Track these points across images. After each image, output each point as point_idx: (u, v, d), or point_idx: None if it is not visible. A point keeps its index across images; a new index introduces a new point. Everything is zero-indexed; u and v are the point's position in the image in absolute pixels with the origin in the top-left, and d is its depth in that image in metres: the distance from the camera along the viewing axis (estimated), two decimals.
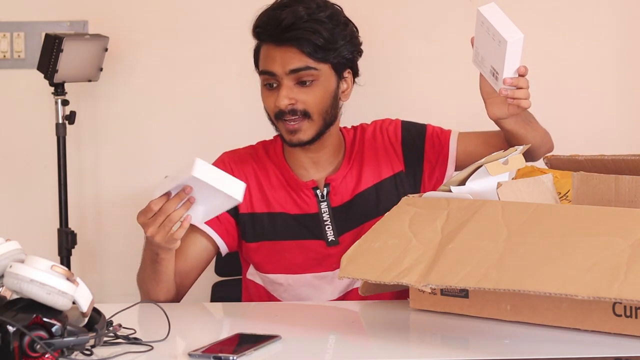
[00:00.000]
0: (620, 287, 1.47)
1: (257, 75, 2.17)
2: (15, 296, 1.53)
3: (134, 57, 2.95)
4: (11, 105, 2.99)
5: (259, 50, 2.15)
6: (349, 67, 2.17)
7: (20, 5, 2.96)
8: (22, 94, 2.97)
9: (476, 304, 1.76)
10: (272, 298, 2.20)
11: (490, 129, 2.15)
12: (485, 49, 1.96)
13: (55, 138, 2.81)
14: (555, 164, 1.98)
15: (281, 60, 2.09)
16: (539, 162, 2.10)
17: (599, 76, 2.93)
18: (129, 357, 1.57)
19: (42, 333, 1.46)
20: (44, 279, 1.48)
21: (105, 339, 1.60)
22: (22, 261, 1.51)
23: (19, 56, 2.95)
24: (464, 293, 1.78)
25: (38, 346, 1.44)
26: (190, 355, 1.55)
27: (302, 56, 2.09)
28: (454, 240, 1.67)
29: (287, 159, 2.21)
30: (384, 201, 2.14)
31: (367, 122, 2.29)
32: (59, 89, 2.79)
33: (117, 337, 1.63)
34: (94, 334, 1.52)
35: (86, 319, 1.56)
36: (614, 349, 1.57)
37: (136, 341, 1.63)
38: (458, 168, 2.20)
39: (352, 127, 2.28)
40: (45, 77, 2.75)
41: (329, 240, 2.16)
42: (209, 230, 2.15)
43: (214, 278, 2.61)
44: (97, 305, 1.59)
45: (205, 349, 1.56)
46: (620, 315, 1.61)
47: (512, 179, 1.87)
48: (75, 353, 1.52)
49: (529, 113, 2.08)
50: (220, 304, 2.37)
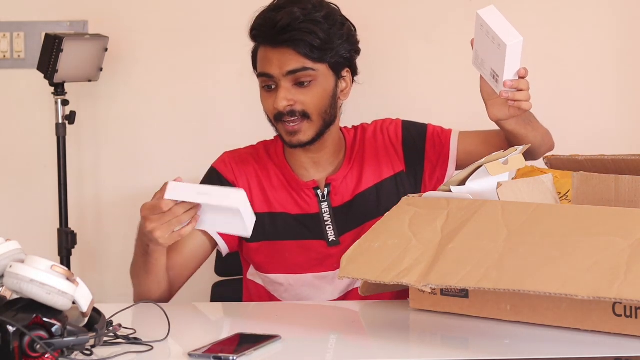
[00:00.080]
0: (620, 287, 1.47)
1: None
2: (15, 296, 1.53)
3: (134, 57, 2.95)
4: (11, 105, 2.99)
5: (256, 53, 2.15)
6: (347, 66, 2.17)
7: (20, 5, 2.96)
8: (22, 94, 2.97)
9: (476, 304, 1.76)
10: (273, 298, 2.20)
11: (491, 128, 2.15)
12: (485, 52, 1.96)
13: (55, 138, 2.81)
14: (555, 164, 1.98)
15: (278, 62, 2.09)
16: (539, 162, 2.10)
17: (599, 76, 2.93)
18: (129, 357, 1.57)
19: (42, 333, 1.46)
20: (44, 279, 1.48)
21: (105, 339, 1.60)
22: (22, 261, 1.51)
23: (19, 56, 2.95)
24: (464, 293, 1.78)
25: (38, 346, 1.44)
26: (190, 355, 1.55)
27: (298, 57, 2.08)
28: (454, 240, 1.67)
29: (288, 159, 2.21)
30: (385, 201, 2.14)
31: (367, 122, 2.29)
32: (59, 89, 2.79)
33: (117, 337, 1.63)
34: (94, 334, 1.52)
35: (86, 319, 1.56)
36: (614, 349, 1.57)
37: (136, 341, 1.63)
38: (459, 167, 2.20)
39: (353, 127, 2.28)
40: (45, 77, 2.75)
41: (330, 240, 2.16)
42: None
43: (214, 278, 2.61)
44: (97, 305, 1.59)
45: (205, 349, 1.56)
46: (620, 315, 1.61)
47: (512, 179, 1.86)
48: (75, 353, 1.52)
49: (530, 113, 2.07)
50: (220, 304, 2.37)
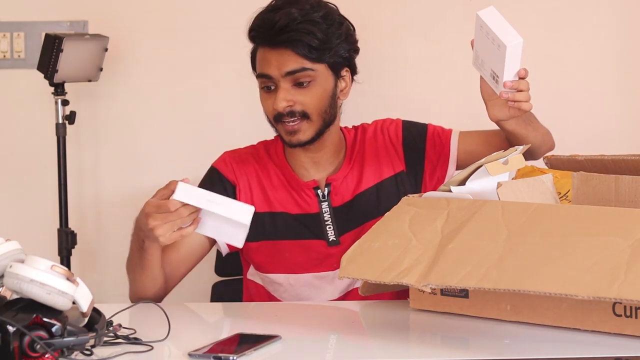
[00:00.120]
0: (620, 287, 1.47)
1: None
2: (15, 296, 1.53)
3: (133, 57, 2.94)
4: (11, 105, 2.99)
5: (255, 54, 2.15)
6: (346, 65, 2.16)
7: (20, 5, 2.96)
8: (22, 94, 2.97)
9: (476, 304, 1.76)
10: (273, 298, 2.20)
11: (491, 128, 2.15)
12: (485, 53, 1.95)
13: (55, 138, 2.81)
14: (555, 164, 1.98)
15: (277, 63, 2.09)
16: (539, 162, 2.10)
17: (599, 76, 2.93)
18: (129, 357, 1.57)
19: (42, 333, 1.46)
20: (44, 279, 1.48)
21: (105, 339, 1.60)
22: (22, 261, 1.51)
23: (19, 56, 2.95)
24: (464, 293, 1.78)
25: (38, 346, 1.44)
26: (190, 355, 1.55)
27: (297, 58, 2.08)
28: (454, 240, 1.67)
29: (288, 158, 2.21)
30: (385, 201, 2.14)
31: (367, 122, 2.29)
32: (59, 89, 2.79)
33: (117, 337, 1.63)
34: (94, 334, 1.52)
35: (86, 319, 1.56)
36: (614, 349, 1.57)
37: (136, 341, 1.63)
38: (459, 167, 2.20)
39: (353, 127, 2.28)
40: (45, 77, 2.74)
41: (330, 240, 2.16)
42: None
43: (214, 278, 2.60)
44: (97, 305, 1.59)
45: (205, 349, 1.56)
46: (620, 315, 1.61)
47: (512, 179, 1.86)
48: (75, 353, 1.52)
49: (531, 113, 2.07)
50: (220, 304, 2.37)
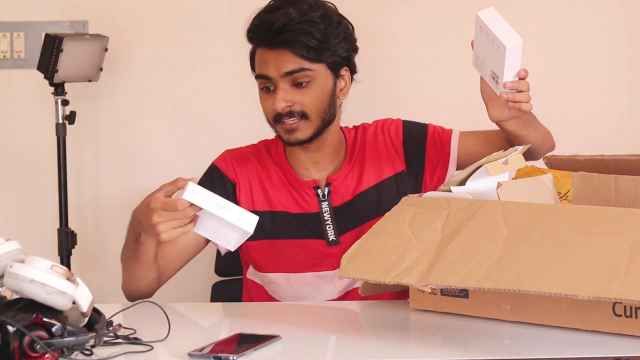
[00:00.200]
0: (620, 287, 1.47)
1: None
2: (15, 296, 1.53)
3: (133, 57, 2.95)
4: (11, 105, 2.99)
5: (254, 54, 2.15)
6: (345, 65, 2.16)
7: (20, 5, 2.96)
8: (22, 94, 2.97)
9: (476, 304, 1.76)
10: (272, 298, 2.20)
11: (491, 128, 2.15)
12: (485, 53, 1.95)
13: (55, 138, 2.81)
14: (555, 164, 1.98)
15: (275, 64, 2.09)
16: (539, 162, 2.10)
17: (599, 76, 2.93)
18: (129, 357, 1.57)
19: (42, 333, 1.45)
20: (44, 279, 1.47)
21: (105, 339, 1.60)
22: (22, 261, 1.51)
23: (19, 56, 2.95)
24: (464, 293, 1.78)
25: (38, 346, 1.44)
26: (190, 355, 1.55)
27: (295, 58, 2.08)
28: (454, 240, 1.67)
29: (289, 158, 2.21)
30: (385, 201, 2.14)
31: (367, 121, 2.29)
32: (59, 89, 2.79)
33: (117, 337, 1.63)
34: (94, 334, 1.52)
35: (86, 319, 1.56)
36: (614, 349, 1.57)
37: (136, 341, 1.63)
38: (459, 167, 2.20)
39: (354, 126, 2.28)
40: (45, 77, 2.75)
41: (330, 239, 2.16)
42: None
43: (214, 278, 2.61)
44: (97, 305, 1.59)
45: (206, 349, 1.56)
46: (620, 315, 1.60)
47: (512, 179, 1.86)
48: (75, 353, 1.51)
49: (531, 113, 2.07)
50: (220, 304, 2.37)
